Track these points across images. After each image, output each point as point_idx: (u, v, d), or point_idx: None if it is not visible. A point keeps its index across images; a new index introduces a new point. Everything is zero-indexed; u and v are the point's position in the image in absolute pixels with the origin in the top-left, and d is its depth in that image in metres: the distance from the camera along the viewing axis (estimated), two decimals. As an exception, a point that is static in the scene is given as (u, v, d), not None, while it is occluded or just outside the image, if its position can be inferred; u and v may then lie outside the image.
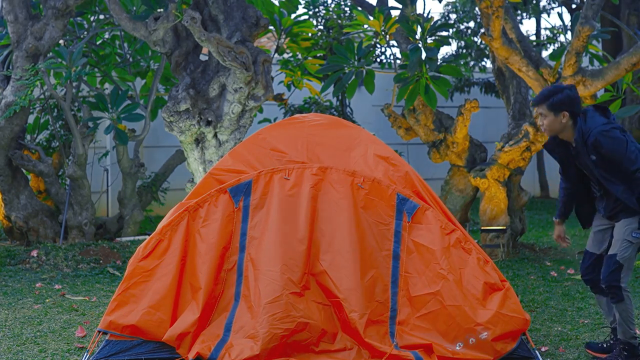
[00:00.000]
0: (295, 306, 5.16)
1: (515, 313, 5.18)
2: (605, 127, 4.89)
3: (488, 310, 5.20)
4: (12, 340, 5.69)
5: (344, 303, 5.19)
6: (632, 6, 10.95)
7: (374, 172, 5.56)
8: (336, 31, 12.29)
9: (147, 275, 5.30)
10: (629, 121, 10.95)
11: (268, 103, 10.87)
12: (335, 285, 5.20)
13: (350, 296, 5.21)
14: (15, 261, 8.77)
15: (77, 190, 9.79)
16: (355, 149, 5.72)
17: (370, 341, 5.11)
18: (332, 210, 5.41)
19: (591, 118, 4.98)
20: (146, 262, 5.33)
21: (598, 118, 4.97)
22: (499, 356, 5.10)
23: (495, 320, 5.15)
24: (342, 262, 5.31)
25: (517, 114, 9.57)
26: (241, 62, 8.43)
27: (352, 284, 5.24)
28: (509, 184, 9.31)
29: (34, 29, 9.30)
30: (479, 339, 5.08)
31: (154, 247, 5.36)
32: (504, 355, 5.12)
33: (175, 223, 5.41)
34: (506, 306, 5.20)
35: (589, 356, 5.28)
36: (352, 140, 5.77)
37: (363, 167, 5.59)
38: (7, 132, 9.40)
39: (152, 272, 5.31)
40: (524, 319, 5.18)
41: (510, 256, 9.12)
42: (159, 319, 5.19)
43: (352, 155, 5.67)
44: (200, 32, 8.37)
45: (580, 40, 8.11)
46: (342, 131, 5.80)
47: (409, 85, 8.43)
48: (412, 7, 9.06)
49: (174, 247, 5.36)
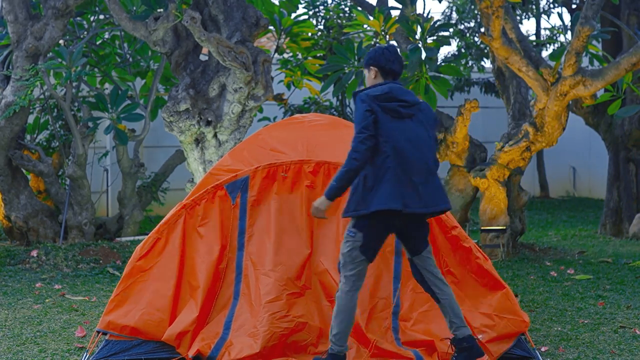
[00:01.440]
0: (295, 306, 5.16)
1: (513, 315, 5.18)
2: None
3: (485, 314, 5.20)
4: (12, 340, 5.69)
5: None
6: (632, 6, 10.94)
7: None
8: (336, 31, 12.28)
9: (145, 274, 5.29)
10: (629, 121, 10.94)
11: (268, 103, 10.86)
12: (337, 284, 5.21)
13: None
14: (15, 261, 8.76)
15: (77, 190, 9.79)
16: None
17: (371, 336, 5.11)
18: (331, 207, 5.41)
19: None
20: (144, 262, 5.31)
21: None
22: (494, 359, 5.10)
23: (492, 323, 5.15)
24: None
25: (517, 114, 9.57)
26: (241, 62, 8.42)
27: None
28: (508, 184, 9.31)
29: (34, 29, 9.30)
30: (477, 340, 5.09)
31: (152, 246, 5.35)
32: (500, 355, 5.13)
33: (172, 221, 5.39)
34: (505, 307, 5.19)
35: (589, 356, 5.28)
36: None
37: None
38: (7, 132, 9.40)
39: (150, 271, 5.30)
40: (522, 320, 5.17)
41: (510, 256, 9.12)
42: (158, 318, 5.18)
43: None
44: (200, 32, 8.37)
45: (580, 40, 8.11)
46: (343, 131, 5.79)
47: (409, 85, 8.42)
48: (412, 7, 9.06)
49: (172, 245, 5.35)
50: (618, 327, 6.01)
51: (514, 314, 5.19)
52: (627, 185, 11.06)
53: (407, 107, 4.78)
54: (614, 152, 11.22)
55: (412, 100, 4.81)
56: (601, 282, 7.78)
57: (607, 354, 5.32)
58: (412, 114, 4.78)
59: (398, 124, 4.72)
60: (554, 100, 8.47)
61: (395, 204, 4.61)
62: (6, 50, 9.63)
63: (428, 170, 4.74)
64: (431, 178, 4.75)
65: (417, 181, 4.68)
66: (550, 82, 8.51)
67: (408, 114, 4.77)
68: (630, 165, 11.08)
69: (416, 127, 4.78)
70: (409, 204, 4.64)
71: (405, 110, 4.76)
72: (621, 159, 11.13)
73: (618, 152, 11.16)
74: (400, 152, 4.66)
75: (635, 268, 8.51)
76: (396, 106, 4.74)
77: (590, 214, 13.85)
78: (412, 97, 4.84)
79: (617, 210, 11.20)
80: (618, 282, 7.77)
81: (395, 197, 4.61)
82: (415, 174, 4.68)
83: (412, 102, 4.80)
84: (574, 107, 11.03)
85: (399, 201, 4.61)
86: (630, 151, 11.06)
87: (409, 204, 4.64)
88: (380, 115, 4.68)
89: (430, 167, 4.76)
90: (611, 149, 11.28)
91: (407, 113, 4.76)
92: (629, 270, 8.39)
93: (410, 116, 4.77)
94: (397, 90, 4.79)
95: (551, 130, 8.73)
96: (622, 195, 11.09)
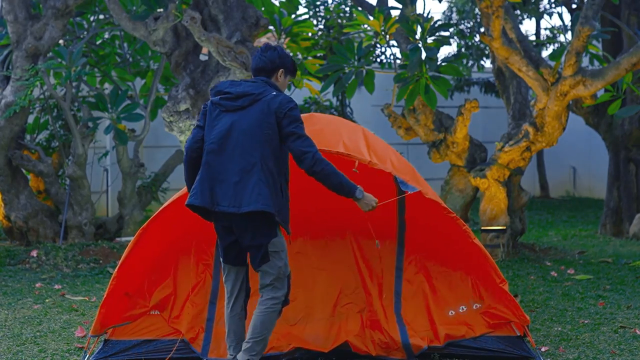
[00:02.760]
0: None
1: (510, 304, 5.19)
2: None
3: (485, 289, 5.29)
4: (12, 340, 5.69)
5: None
6: (633, 6, 10.93)
7: (371, 157, 5.42)
8: (336, 31, 12.29)
9: (136, 272, 5.27)
10: (629, 121, 10.93)
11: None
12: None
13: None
14: (15, 261, 8.76)
15: (76, 190, 9.78)
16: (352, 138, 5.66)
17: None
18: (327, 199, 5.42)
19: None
20: (134, 260, 5.27)
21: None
22: (490, 330, 5.19)
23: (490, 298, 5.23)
24: (339, 257, 5.41)
25: (517, 114, 9.57)
26: (241, 62, 8.42)
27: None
28: (509, 184, 9.30)
29: (33, 29, 9.30)
30: (472, 309, 5.18)
31: (137, 242, 5.20)
32: (502, 351, 5.15)
33: (159, 217, 5.32)
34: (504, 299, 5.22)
35: (589, 356, 5.28)
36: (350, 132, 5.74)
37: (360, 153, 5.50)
38: (7, 132, 9.40)
39: (143, 269, 5.28)
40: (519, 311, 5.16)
41: (510, 256, 9.11)
42: (152, 316, 5.22)
43: (347, 142, 5.60)
44: (200, 32, 8.37)
45: (581, 40, 8.11)
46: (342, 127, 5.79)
47: (409, 85, 8.42)
48: (412, 7, 9.05)
49: (162, 241, 5.33)
50: (618, 327, 6.00)
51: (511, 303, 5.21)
52: (627, 185, 11.06)
53: (233, 100, 4.51)
54: (614, 152, 11.22)
55: (240, 92, 4.51)
56: (601, 282, 7.77)
57: (607, 354, 5.31)
58: (241, 106, 4.49)
59: (223, 117, 4.51)
60: (554, 100, 8.46)
61: (197, 200, 4.43)
62: (6, 50, 9.63)
63: (246, 168, 4.39)
64: (246, 177, 4.38)
65: (231, 179, 4.39)
66: (551, 82, 8.50)
67: (235, 106, 4.50)
68: (630, 165, 11.08)
69: (245, 120, 4.46)
70: (220, 202, 4.39)
71: (230, 103, 4.51)
72: (621, 159, 11.12)
73: (618, 152, 11.15)
74: (216, 147, 4.46)
75: (636, 268, 8.51)
76: (219, 99, 4.55)
77: (590, 214, 13.85)
78: (242, 89, 4.52)
79: (617, 210, 11.19)
80: (618, 282, 7.77)
81: (201, 193, 4.42)
82: (230, 172, 4.40)
83: (239, 94, 4.51)
84: (574, 107, 11.02)
85: (205, 198, 4.41)
86: (631, 151, 11.05)
87: (220, 202, 4.39)
88: (210, 109, 4.57)
89: (248, 165, 4.40)
90: (611, 149, 11.27)
91: (234, 106, 4.50)
92: (629, 271, 8.38)
93: (239, 109, 4.48)
94: (227, 83, 4.60)
95: (551, 130, 8.72)
96: (623, 195, 11.09)
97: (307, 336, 5.28)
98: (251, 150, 4.40)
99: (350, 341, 5.23)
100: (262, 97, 4.48)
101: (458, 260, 5.42)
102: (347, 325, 5.36)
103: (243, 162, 4.39)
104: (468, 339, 5.20)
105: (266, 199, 4.34)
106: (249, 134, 4.42)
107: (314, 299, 5.55)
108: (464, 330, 5.23)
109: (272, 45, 4.70)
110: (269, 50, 4.65)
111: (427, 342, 5.17)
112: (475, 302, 5.28)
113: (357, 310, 5.50)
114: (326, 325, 5.38)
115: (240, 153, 4.41)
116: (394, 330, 5.24)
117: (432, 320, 5.32)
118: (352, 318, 5.43)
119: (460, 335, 5.20)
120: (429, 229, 5.53)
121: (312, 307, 5.52)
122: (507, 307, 5.13)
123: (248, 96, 4.49)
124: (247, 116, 4.46)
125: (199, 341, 5.21)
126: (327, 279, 5.66)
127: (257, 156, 4.39)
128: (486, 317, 5.23)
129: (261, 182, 4.36)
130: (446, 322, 5.29)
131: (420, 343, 5.16)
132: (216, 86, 4.62)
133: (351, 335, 5.26)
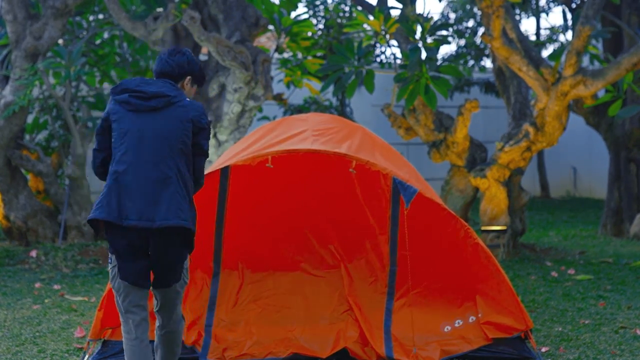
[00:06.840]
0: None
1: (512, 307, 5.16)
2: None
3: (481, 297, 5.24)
4: (11, 340, 5.68)
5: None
6: (633, 6, 10.91)
7: (369, 157, 5.31)
8: (336, 31, 12.27)
9: None
10: (629, 121, 10.92)
11: (268, 103, 10.85)
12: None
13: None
14: (14, 261, 8.75)
15: (76, 190, 9.77)
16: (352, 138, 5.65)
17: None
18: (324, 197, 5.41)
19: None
20: None
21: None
22: (489, 341, 5.15)
23: (489, 307, 5.17)
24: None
25: (517, 114, 9.55)
26: (241, 61, 8.41)
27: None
28: (509, 184, 9.29)
29: (33, 29, 9.28)
30: (467, 322, 5.16)
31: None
32: (502, 351, 5.13)
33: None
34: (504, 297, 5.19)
35: (589, 357, 5.27)
36: (350, 131, 5.72)
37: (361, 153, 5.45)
38: (6, 132, 9.39)
39: None
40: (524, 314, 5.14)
41: (510, 256, 9.10)
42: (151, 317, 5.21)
43: (348, 142, 5.56)
44: (200, 32, 8.35)
45: (581, 39, 8.09)
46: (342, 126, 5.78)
47: (409, 85, 8.40)
48: (412, 6, 9.04)
49: None
50: (619, 327, 5.99)
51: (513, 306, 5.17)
52: (627, 185, 11.04)
53: (145, 99, 4.02)
54: (615, 152, 11.20)
55: (155, 91, 4.03)
56: (602, 282, 7.76)
57: (607, 355, 5.30)
58: (154, 107, 4.01)
59: (132, 118, 4.01)
60: (554, 100, 8.45)
61: (102, 213, 3.91)
62: (5, 50, 9.61)
63: (161, 178, 3.93)
64: (161, 188, 3.92)
65: (143, 190, 3.92)
66: (551, 82, 8.49)
67: (147, 107, 4.01)
68: (631, 165, 11.06)
69: (158, 124, 3.99)
70: (129, 216, 3.89)
71: (142, 103, 4.02)
72: (622, 159, 11.11)
73: (619, 152, 11.14)
74: (126, 155, 3.96)
75: (636, 268, 8.49)
76: (127, 97, 4.03)
77: (590, 214, 13.83)
78: (157, 89, 4.04)
79: (617, 210, 11.18)
80: (619, 282, 7.75)
81: (107, 206, 3.91)
82: (142, 182, 3.92)
83: (153, 94, 4.03)
84: (575, 107, 11.01)
85: (112, 212, 3.90)
86: (631, 151, 11.04)
87: (129, 216, 3.89)
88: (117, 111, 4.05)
89: (163, 175, 3.94)
90: (612, 149, 11.26)
91: (146, 106, 4.01)
92: (629, 271, 8.37)
93: (152, 110, 4.00)
94: (137, 80, 4.11)
95: (552, 130, 8.71)
96: (623, 196, 11.07)
97: (305, 342, 5.24)
98: (166, 159, 3.94)
99: (349, 347, 5.19)
100: (177, 101, 4.04)
101: (456, 268, 5.35)
102: (346, 332, 5.30)
103: (157, 171, 3.93)
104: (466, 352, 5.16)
105: (186, 214, 3.94)
106: (164, 141, 3.96)
107: (312, 305, 5.51)
108: (461, 344, 5.17)
109: (180, 49, 4.24)
110: (178, 54, 4.18)
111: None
112: (471, 315, 5.22)
113: (355, 316, 5.44)
114: (325, 331, 5.34)
115: (154, 161, 3.94)
116: (379, 346, 5.17)
117: (425, 336, 5.24)
118: (351, 324, 5.37)
119: (456, 350, 5.13)
120: (426, 234, 5.44)
121: (311, 313, 5.47)
122: (511, 313, 5.10)
123: (163, 97, 4.02)
124: (162, 120, 3.99)
125: (197, 346, 5.18)
126: (325, 285, 5.62)
127: (172, 166, 3.95)
128: (486, 328, 5.17)
129: (178, 194, 3.93)
130: (441, 338, 5.21)
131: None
132: (121, 83, 4.11)
133: (350, 342, 5.21)
